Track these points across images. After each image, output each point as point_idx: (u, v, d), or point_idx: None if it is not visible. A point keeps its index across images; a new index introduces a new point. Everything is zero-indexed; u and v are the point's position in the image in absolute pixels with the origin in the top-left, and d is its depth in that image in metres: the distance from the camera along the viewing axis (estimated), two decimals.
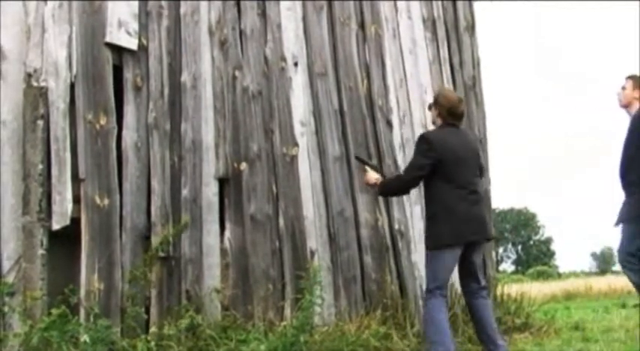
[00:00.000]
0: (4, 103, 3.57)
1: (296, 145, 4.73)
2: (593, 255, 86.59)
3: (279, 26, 4.82)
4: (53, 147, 3.60)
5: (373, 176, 4.38)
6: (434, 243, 4.08)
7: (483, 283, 4.24)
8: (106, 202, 3.75)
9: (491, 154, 6.39)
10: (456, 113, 4.24)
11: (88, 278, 3.60)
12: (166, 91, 4.16)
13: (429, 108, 4.56)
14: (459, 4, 6.43)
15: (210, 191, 4.24)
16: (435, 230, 4.09)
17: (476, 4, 6.74)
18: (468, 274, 4.15)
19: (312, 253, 4.63)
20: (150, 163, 4.01)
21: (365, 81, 5.34)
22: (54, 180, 3.58)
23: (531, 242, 73.94)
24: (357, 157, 4.78)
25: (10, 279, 3.42)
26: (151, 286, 3.83)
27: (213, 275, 4.14)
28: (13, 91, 3.59)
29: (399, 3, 5.81)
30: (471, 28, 6.51)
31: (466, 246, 4.07)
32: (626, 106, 4.46)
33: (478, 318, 4.10)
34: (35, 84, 3.60)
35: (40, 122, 3.56)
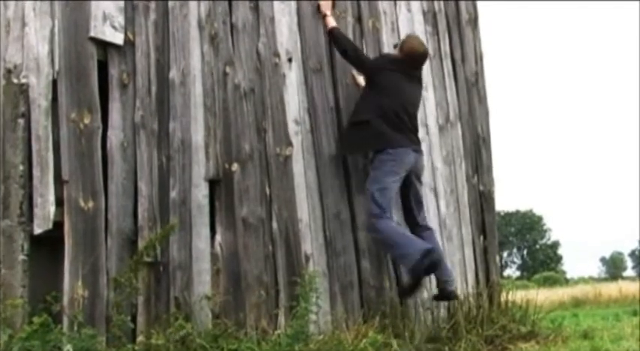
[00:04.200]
0: None
1: (290, 144, 4.61)
2: (603, 260, 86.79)
3: (272, 20, 4.70)
4: (35, 147, 3.50)
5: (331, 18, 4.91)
6: (374, 144, 4.62)
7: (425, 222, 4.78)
8: (91, 204, 3.65)
9: (494, 153, 6.27)
10: (414, 61, 4.85)
11: (71, 285, 3.50)
12: (154, 88, 4.05)
13: (394, 47, 5.11)
14: None
15: (200, 193, 4.12)
16: (371, 133, 4.60)
17: None
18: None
19: (307, 258, 4.51)
20: (137, 163, 3.90)
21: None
22: (35, 182, 3.48)
23: (537, 246, 74.00)
24: None
25: None
26: (138, 293, 3.72)
27: (203, 281, 4.02)
28: None
29: None
30: (474, 21, 6.39)
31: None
32: None
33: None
34: (15, 81, 3.52)
35: (21, 121, 3.49)
